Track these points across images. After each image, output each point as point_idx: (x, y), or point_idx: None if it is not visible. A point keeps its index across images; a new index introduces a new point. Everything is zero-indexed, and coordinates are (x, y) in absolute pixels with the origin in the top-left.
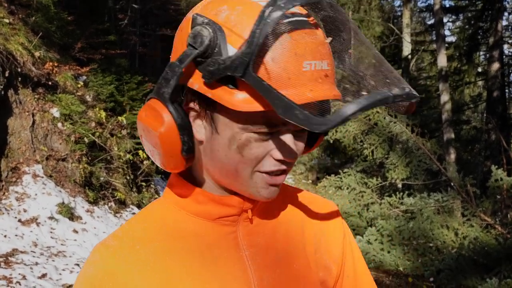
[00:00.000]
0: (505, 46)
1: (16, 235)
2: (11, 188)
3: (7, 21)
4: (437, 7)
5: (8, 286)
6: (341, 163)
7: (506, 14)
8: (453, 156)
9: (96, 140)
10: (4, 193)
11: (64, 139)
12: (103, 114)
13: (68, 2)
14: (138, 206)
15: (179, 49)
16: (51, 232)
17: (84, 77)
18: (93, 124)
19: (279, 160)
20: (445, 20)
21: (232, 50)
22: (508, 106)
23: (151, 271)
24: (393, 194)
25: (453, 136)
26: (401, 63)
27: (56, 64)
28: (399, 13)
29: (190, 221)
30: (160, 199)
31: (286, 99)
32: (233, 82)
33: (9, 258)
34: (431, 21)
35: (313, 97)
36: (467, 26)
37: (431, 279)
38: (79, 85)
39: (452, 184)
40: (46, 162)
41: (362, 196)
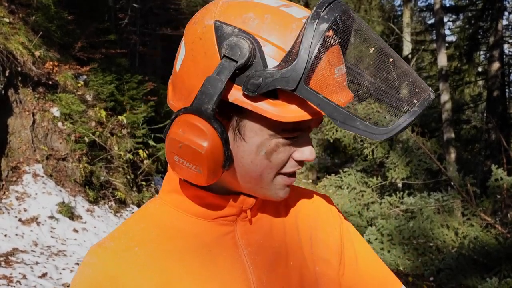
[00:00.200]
0: (505, 46)
1: (16, 235)
2: (12, 188)
3: (7, 20)
4: (437, 6)
5: (8, 285)
6: (341, 163)
7: (506, 13)
8: (453, 155)
9: (96, 139)
10: (4, 193)
11: (64, 138)
12: (103, 113)
13: (68, 1)
14: (138, 206)
15: (200, 60)
16: (52, 232)
17: (84, 77)
18: (93, 124)
19: (299, 161)
20: (445, 19)
21: (272, 61)
22: (508, 105)
23: (151, 272)
24: (393, 194)
25: (453, 135)
26: None
27: (56, 64)
28: (399, 13)
29: (188, 221)
30: (156, 199)
31: (344, 110)
32: (274, 93)
33: (10, 257)
34: (431, 21)
35: (345, 102)
36: (467, 26)
37: (431, 278)
38: (79, 85)
39: (452, 183)
40: (46, 162)
41: (362, 196)
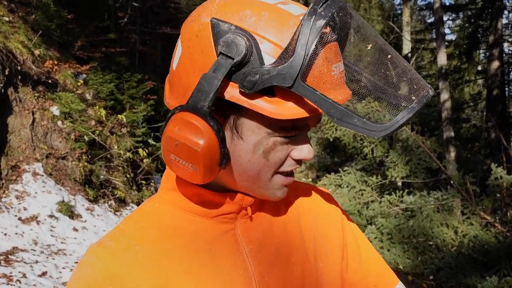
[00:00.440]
0: (505, 45)
1: (16, 233)
2: (11, 186)
3: (7, 19)
4: (437, 5)
5: (8, 284)
6: (341, 161)
7: (506, 12)
8: (453, 154)
9: (96, 138)
10: (4, 191)
11: (64, 137)
12: (103, 112)
13: (68, 0)
14: (138, 204)
15: (197, 57)
16: (51, 230)
17: (84, 75)
18: (93, 122)
19: (297, 160)
20: (445, 18)
21: (269, 58)
22: (508, 104)
23: (151, 272)
24: (393, 192)
25: (453, 134)
26: None
27: (56, 62)
28: (399, 11)
29: (188, 219)
30: (155, 198)
31: (341, 107)
32: (271, 90)
33: (9, 256)
34: (431, 19)
35: (343, 100)
36: (467, 24)
37: (431, 277)
38: (79, 83)
39: (452, 182)
40: (46, 160)
41: (362, 194)
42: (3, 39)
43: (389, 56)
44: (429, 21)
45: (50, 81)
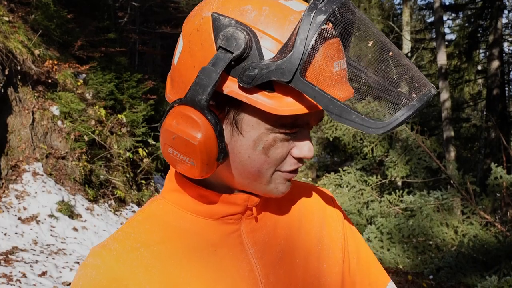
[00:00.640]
0: (505, 44)
1: (16, 233)
2: (11, 186)
3: (6, 19)
4: (437, 5)
5: (8, 284)
6: (341, 161)
7: (506, 12)
8: (452, 154)
9: (96, 138)
10: (4, 191)
11: (64, 137)
12: (103, 112)
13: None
14: (138, 204)
15: (197, 52)
16: (51, 230)
17: (84, 75)
18: (93, 122)
19: (298, 158)
20: (445, 18)
21: (268, 53)
22: (508, 104)
23: (157, 275)
24: (392, 192)
25: (452, 134)
26: None
27: (55, 62)
28: (398, 11)
29: (193, 220)
30: (158, 199)
31: (340, 103)
32: (270, 85)
33: (9, 256)
34: (431, 19)
35: (344, 97)
36: (467, 24)
37: (431, 276)
38: (79, 83)
39: (451, 182)
40: (46, 160)
41: (362, 194)
42: (3, 39)
43: (391, 54)
44: (429, 20)
45: (50, 81)
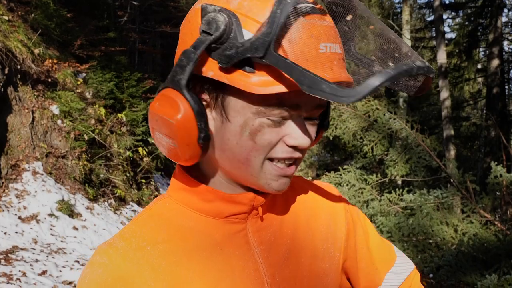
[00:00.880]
0: (505, 43)
1: (16, 232)
2: (11, 185)
3: (6, 18)
4: (436, 3)
5: (8, 283)
6: (341, 160)
7: (506, 10)
8: (452, 152)
9: (96, 137)
10: (4, 190)
11: (64, 136)
12: (103, 111)
13: None
14: (138, 203)
15: (188, 41)
16: (51, 229)
17: (84, 74)
18: (93, 121)
19: (292, 146)
20: (444, 16)
21: (249, 34)
22: (508, 102)
23: (163, 273)
24: (392, 191)
25: (452, 132)
26: None
27: (55, 61)
28: (398, 10)
29: (199, 219)
30: (163, 198)
31: (311, 73)
32: (250, 65)
33: (9, 255)
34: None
35: (332, 78)
36: (466, 23)
37: (431, 275)
38: (79, 82)
39: (451, 180)
40: (46, 159)
41: (361, 193)
42: (3, 38)
43: (371, 27)
44: (428, 19)
45: (49, 80)
